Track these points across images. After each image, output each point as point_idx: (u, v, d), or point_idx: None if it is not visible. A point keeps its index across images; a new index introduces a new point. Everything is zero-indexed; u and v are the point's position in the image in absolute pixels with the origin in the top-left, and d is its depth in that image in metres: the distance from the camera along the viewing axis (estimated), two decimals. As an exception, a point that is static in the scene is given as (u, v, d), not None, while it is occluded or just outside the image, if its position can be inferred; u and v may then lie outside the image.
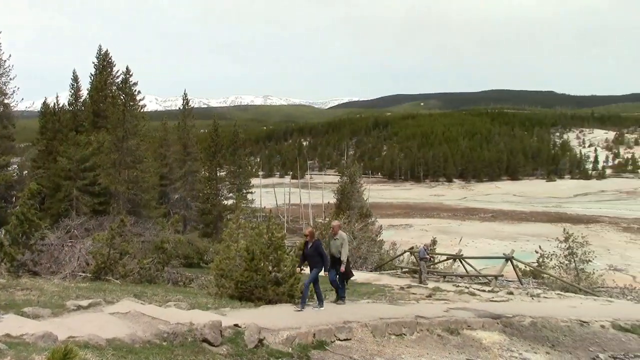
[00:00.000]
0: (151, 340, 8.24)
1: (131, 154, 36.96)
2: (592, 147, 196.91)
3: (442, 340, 11.61)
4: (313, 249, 12.35)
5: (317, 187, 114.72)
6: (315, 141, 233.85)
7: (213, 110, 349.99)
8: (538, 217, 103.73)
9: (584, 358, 11.98)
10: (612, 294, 26.35)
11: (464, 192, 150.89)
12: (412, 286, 21.13)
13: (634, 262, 68.51)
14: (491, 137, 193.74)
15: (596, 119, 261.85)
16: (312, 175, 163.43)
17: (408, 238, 71.51)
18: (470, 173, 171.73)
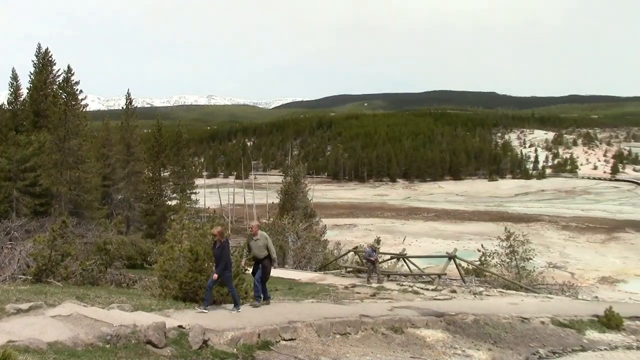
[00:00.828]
0: (94, 343, 8.12)
1: (73, 154, 36.27)
2: (533, 147, 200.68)
3: (386, 339, 11.69)
4: (220, 249, 11.95)
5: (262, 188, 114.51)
6: (260, 141, 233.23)
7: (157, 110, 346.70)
8: (480, 217, 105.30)
9: (524, 354, 12.21)
10: (552, 291, 26.95)
11: (407, 192, 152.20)
12: (356, 285, 21.24)
13: (573, 259, 70.17)
14: (434, 137, 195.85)
15: (536, 119, 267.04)
16: (256, 175, 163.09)
17: (352, 238, 71.98)
18: (414, 173, 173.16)
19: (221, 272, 11.82)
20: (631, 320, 15.76)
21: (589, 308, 17.29)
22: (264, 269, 12.84)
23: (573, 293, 28.14)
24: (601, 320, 15.14)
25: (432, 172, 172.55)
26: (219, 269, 11.78)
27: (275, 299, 14.72)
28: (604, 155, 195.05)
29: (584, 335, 14.08)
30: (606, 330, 14.66)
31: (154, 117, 70.25)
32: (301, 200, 44.44)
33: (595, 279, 60.06)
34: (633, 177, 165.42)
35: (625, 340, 14.14)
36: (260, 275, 12.83)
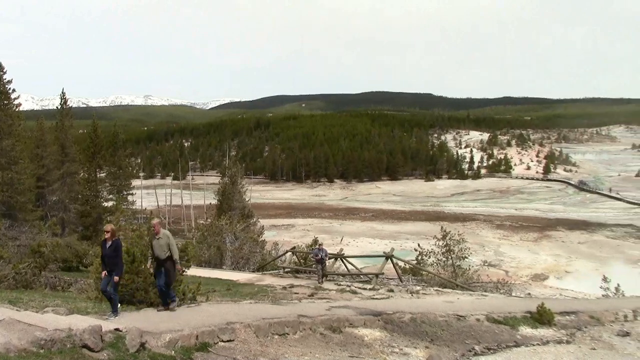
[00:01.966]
0: (27, 348, 7.95)
1: (5, 155, 35.34)
2: (468, 148, 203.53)
3: (324, 339, 11.74)
4: (112, 249, 11.15)
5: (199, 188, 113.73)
6: (197, 142, 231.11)
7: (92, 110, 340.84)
8: (417, 216, 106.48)
9: (460, 350, 12.41)
10: (487, 289, 27.46)
11: (345, 192, 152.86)
12: (294, 286, 21.27)
13: (507, 257, 71.67)
14: (372, 138, 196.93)
15: (472, 121, 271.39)
16: (193, 176, 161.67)
17: (290, 238, 72.08)
18: (351, 173, 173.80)
19: (121, 274, 11.33)
20: (562, 316, 16.22)
21: (522, 305, 17.68)
22: (167, 273, 12.04)
23: (507, 290, 28.73)
24: (534, 316, 15.52)
25: (369, 172, 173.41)
26: (118, 271, 11.13)
27: (213, 300, 14.65)
28: (537, 155, 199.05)
29: (518, 331, 14.41)
30: (538, 326, 15.04)
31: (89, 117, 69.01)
32: (239, 200, 44.23)
33: (528, 276, 61.51)
34: (564, 177, 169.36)
35: (556, 335, 14.53)
36: (165, 281, 12.05)
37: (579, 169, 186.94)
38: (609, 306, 19.45)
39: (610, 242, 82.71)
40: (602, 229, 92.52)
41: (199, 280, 15.79)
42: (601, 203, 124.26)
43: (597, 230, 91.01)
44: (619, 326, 16.59)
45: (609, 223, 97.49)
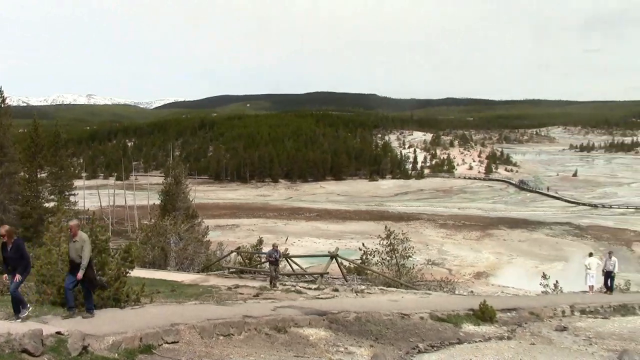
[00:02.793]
0: (-36, 354, 7.80)
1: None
2: (412, 148, 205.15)
3: (270, 339, 11.74)
4: (14, 251, 10.51)
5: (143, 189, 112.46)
6: (141, 142, 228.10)
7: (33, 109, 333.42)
8: (361, 216, 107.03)
9: (405, 348, 12.53)
10: (431, 287, 27.79)
11: (289, 192, 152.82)
12: (239, 286, 21.20)
13: (450, 256, 72.61)
14: (316, 138, 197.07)
15: (415, 121, 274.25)
16: (137, 176, 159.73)
17: (235, 238, 71.81)
18: (296, 173, 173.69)
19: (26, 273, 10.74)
20: (503, 312, 16.56)
21: (465, 302, 17.95)
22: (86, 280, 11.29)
23: (450, 289, 29.12)
24: (476, 313, 15.78)
25: (314, 172, 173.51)
26: (22, 270, 10.48)
27: (157, 301, 14.52)
28: (479, 156, 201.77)
29: (461, 329, 14.63)
30: (481, 323, 15.30)
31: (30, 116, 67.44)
32: (183, 201, 43.85)
33: (471, 274, 62.44)
34: (505, 177, 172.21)
35: (498, 332, 14.81)
36: (73, 281, 11.26)
37: (519, 169, 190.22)
38: (547, 302, 19.93)
39: (549, 240, 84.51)
40: (542, 227, 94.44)
41: (142, 281, 15.62)
42: (540, 202, 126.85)
43: (536, 229, 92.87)
44: (557, 321, 17.03)
45: (548, 221, 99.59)
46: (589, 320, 17.94)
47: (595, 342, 14.26)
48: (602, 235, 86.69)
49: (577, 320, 17.79)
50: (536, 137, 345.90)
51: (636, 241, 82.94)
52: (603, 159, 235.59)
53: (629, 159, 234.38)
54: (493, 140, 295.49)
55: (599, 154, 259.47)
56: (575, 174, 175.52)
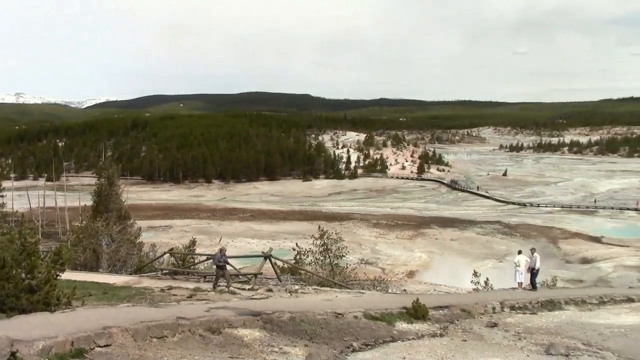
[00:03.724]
0: None
1: None
2: (345, 148, 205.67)
3: (204, 340, 11.67)
4: None
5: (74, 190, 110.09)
6: (72, 142, 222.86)
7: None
8: (295, 216, 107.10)
9: (339, 347, 12.61)
10: (364, 286, 28.05)
11: (223, 193, 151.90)
12: (173, 287, 21.00)
13: (383, 255, 73.32)
14: (250, 139, 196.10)
15: (349, 121, 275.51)
16: (68, 177, 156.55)
17: (168, 239, 71.10)
18: (230, 174, 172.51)
19: None
20: (435, 310, 16.82)
21: (398, 301, 18.17)
22: None
23: (384, 287, 29.45)
24: (409, 311, 15.98)
25: (247, 172, 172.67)
26: None
27: (89, 304, 14.30)
28: (411, 156, 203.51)
29: (394, 327, 14.80)
30: (414, 321, 15.51)
31: (-46, 116, 65.62)
32: (115, 202, 43.16)
33: (404, 273, 63.22)
34: (437, 177, 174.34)
35: (431, 329, 15.05)
36: None
37: (451, 169, 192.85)
38: (478, 299, 20.33)
39: (480, 238, 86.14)
40: (473, 226, 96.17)
41: (74, 284, 15.37)
42: (471, 201, 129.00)
43: (468, 228, 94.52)
44: (488, 318, 17.40)
45: (478, 220, 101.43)
46: (518, 316, 18.39)
47: (524, 337, 14.65)
48: (530, 234, 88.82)
49: (507, 316, 18.21)
50: (467, 137, 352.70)
51: (562, 239, 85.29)
52: (531, 159, 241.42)
53: (555, 158, 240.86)
54: (425, 140, 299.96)
55: (527, 154, 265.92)
56: (505, 174, 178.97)
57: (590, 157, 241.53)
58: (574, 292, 27.36)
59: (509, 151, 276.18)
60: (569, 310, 20.60)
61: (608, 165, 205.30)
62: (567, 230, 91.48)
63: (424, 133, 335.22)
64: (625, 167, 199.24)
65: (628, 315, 19.51)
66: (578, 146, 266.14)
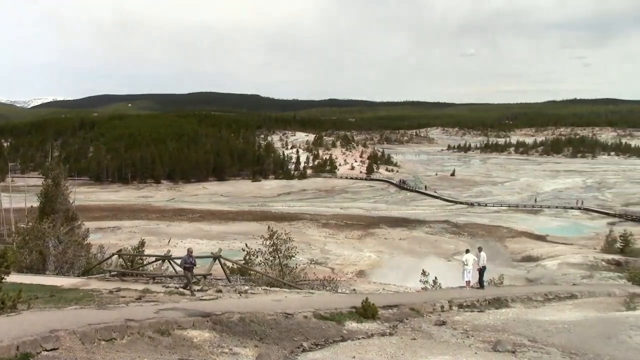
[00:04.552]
0: None
1: None
2: (295, 148, 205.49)
3: (153, 342, 11.60)
4: None
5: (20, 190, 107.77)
6: (18, 142, 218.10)
7: None
8: (244, 216, 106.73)
9: (289, 348, 12.66)
10: (314, 286, 28.15)
11: (172, 193, 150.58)
12: (121, 289, 20.79)
13: (333, 255, 73.51)
14: (199, 139, 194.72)
15: (298, 122, 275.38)
16: (13, 178, 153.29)
17: (116, 241, 70.17)
18: (178, 174, 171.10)
19: None
20: (385, 309, 17.01)
21: (347, 300, 18.33)
22: None
23: (333, 287, 29.58)
24: (359, 311, 16.14)
25: (196, 173, 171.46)
26: None
27: (35, 307, 14.07)
28: (360, 156, 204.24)
29: (344, 326, 14.93)
30: (363, 320, 15.66)
31: None
32: (62, 203, 42.46)
33: (353, 273, 63.45)
34: (386, 177, 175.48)
35: (380, 328, 15.21)
36: None
37: (400, 169, 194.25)
38: (427, 298, 20.64)
39: (428, 237, 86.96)
40: (421, 225, 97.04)
41: (19, 287, 15.12)
42: (420, 201, 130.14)
43: (416, 227, 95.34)
44: (437, 316, 17.67)
45: (427, 220, 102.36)
46: (466, 314, 18.71)
47: (472, 335, 14.90)
48: (477, 233, 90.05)
49: (455, 314, 18.50)
50: (416, 138, 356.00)
51: (509, 237, 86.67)
52: (479, 159, 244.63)
53: (502, 159, 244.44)
54: (374, 141, 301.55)
55: (475, 154, 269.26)
56: (453, 174, 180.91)
57: (536, 158, 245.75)
58: (520, 289, 27.93)
59: (457, 151, 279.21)
60: (515, 308, 21.03)
61: (553, 166, 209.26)
62: (513, 229, 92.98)
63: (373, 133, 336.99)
64: (569, 167, 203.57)
65: (571, 312, 20.01)
66: (524, 147, 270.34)
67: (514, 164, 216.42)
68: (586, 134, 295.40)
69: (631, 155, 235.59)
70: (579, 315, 18.73)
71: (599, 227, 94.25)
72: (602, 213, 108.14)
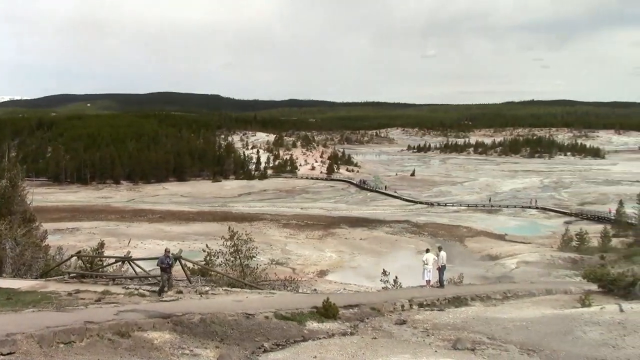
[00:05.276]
0: None
1: None
2: (255, 148, 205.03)
3: (113, 345, 11.52)
4: None
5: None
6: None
7: None
8: (205, 217, 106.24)
9: (250, 348, 12.67)
10: (275, 287, 28.17)
11: (132, 194, 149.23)
12: (80, 291, 20.57)
13: (294, 255, 73.58)
14: (159, 139, 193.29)
15: (259, 122, 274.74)
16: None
17: (75, 242, 69.31)
18: (138, 175, 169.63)
19: None
20: (346, 309, 17.10)
21: (308, 300, 18.36)
22: None
23: (294, 287, 29.64)
24: (319, 311, 16.19)
25: (156, 173, 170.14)
26: None
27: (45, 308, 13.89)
28: (321, 156, 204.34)
29: (305, 326, 14.98)
30: (324, 320, 15.73)
31: None
32: (19, 204, 41.80)
33: (314, 273, 63.63)
34: (346, 177, 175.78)
35: (341, 328, 15.30)
36: None
37: (360, 169, 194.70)
38: (388, 297, 20.77)
39: (389, 237, 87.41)
40: (382, 225, 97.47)
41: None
42: (380, 201, 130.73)
43: (377, 227, 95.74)
44: (397, 315, 17.82)
45: (387, 220, 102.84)
46: (426, 312, 18.88)
47: (432, 333, 15.05)
48: (438, 232, 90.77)
49: (415, 313, 18.67)
50: (376, 138, 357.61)
51: (469, 237, 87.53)
52: (438, 160, 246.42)
53: (461, 159, 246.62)
54: (335, 141, 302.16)
55: (434, 154, 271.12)
56: (413, 174, 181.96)
57: (495, 158, 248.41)
58: (480, 288, 28.24)
59: (417, 152, 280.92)
60: (474, 306, 21.27)
61: (511, 166, 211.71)
62: (473, 229, 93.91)
63: (334, 134, 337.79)
64: (526, 167, 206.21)
65: (529, 309, 20.30)
66: (483, 147, 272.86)
67: (473, 164, 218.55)
68: (543, 134, 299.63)
69: (586, 156, 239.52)
70: (537, 312, 19.00)
71: (555, 226, 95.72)
72: (558, 212, 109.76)
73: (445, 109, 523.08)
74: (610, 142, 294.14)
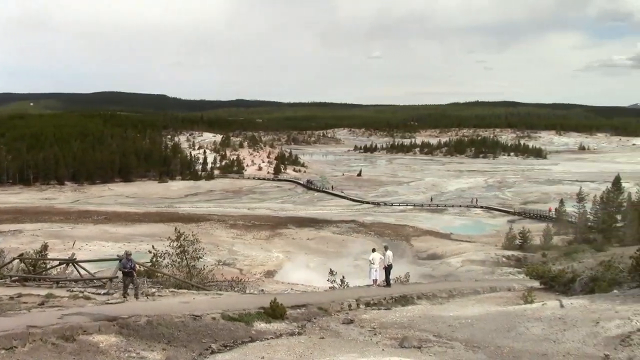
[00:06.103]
0: None
1: None
2: (202, 149, 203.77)
3: (57, 349, 11.36)
4: None
5: None
6: None
7: None
8: (151, 218, 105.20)
9: (198, 350, 12.63)
10: (222, 288, 28.12)
11: (76, 195, 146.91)
12: (22, 295, 20.20)
13: (241, 256, 73.41)
14: (104, 139, 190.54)
15: (205, 122, 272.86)
16: None
17: (17, 245, 68.00)
18: (83, 175, 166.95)
19: None
20: (293, 309, 17.17)
21: (256, 301, 18.40)
22: None
23: (241, 288, 29.60)
24: (267, 311, 16.23)
25: (102, 174, 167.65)
26: None
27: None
28: (268, 156, 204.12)
29: (253, 327, 15.00)
30: (272, 321, 15.77)
31: None
32: (-42, 206, 41.00)
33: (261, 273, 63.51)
34: (293, 177, 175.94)
35: (289, 328, 15.34)
36: None
37: (307, 169, 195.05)
38: (335, 297, 20.92)
39: (336, 237, 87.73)
40: (329, 225, 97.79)
41: None
42: (327, 201, 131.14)
43: (324, 227, 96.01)
44: (344, 315, 17.93)
45: (334, 219, 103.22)
46: (373, 312, 19.04)
47: (379, 332, 15.19)
48: (384, 232, 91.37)
49: (362, 312, 18.82)
50: (323, 138, 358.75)
51: (415, 236, 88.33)
52: (385, 160, 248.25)
53: (407, 159, 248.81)
54: (282, 141, 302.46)
55: (381, 154, 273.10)
56: (360, 174, 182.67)
57: (440, 158, 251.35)
58: (426, 287, 28.64)
59: (363, 152, 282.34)
60: (421, 305, 21.55)
61: (456, 166, 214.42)
62: (419, 228, 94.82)
63: (281, 134, 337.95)
64: (471, 167, 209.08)
65: (474, 307, 20.62)
66: (428, 147, 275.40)
67: (419, 164, 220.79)
68: (487, 135, 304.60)
69: (529, 156, 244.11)
70: (481, 310, 19.31)
71: (499, 224, 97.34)
72: (502, 211, 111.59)
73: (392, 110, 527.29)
74: (552, 143, 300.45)
